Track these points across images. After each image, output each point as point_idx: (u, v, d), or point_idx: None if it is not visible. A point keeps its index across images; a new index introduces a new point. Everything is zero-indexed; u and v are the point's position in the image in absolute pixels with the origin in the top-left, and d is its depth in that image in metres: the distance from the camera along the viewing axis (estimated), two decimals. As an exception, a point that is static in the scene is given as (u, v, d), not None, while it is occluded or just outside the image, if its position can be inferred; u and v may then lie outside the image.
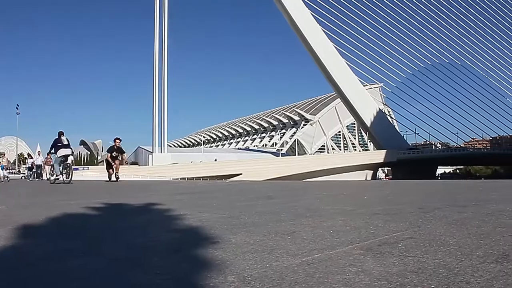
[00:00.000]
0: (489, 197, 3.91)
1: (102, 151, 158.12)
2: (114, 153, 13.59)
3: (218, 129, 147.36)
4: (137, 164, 67.04)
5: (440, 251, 1.60)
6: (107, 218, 3.24)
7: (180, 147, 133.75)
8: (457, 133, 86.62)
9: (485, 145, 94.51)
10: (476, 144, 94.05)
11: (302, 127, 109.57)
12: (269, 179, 45.02)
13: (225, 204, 4.14)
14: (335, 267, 1.40)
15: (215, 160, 68.32)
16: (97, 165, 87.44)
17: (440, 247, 1.66)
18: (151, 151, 67.28)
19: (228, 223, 2.52)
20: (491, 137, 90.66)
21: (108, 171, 13.96)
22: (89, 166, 66.39)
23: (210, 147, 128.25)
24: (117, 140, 14.04)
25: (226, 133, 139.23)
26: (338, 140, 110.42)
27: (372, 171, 71.94)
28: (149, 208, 3.73)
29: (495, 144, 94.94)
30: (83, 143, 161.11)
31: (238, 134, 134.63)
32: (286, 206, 3.65)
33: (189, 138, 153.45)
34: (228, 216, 2.94)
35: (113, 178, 13.56)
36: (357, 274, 1.31)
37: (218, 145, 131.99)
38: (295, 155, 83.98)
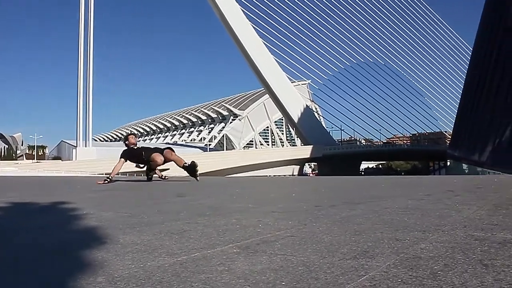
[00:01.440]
0: (387, 194, 4.13)
1: (22, 145, 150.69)
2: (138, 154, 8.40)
3: (146, 123, 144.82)
4: (60, 159, 64.56)
5: (310, 248, 1.69)
6: (4, 220, 3.14)
7: (107, 141, 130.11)
8: (380, 129, 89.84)
9: (405, 141, 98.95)
10: (397, 140, 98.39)
11: (231, 122, 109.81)
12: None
13: (132, 202, 4.12)
14: (205, 266, 1.46)
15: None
16: (16, 160, 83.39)
17: (313, 245, 1.76)
18: (75, 145, 64.84)
19: (125, 223, 2.53)
20: (410, 134, 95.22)
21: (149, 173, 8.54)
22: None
23: (138, 141, 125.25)
24: (132, 137, 8.73)
25: (154, 127, 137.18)
26: (266, 136, 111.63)
27: (299, 166, 73.30)
28: (55, 208, 3.64)
29: (414, 140, 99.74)
30: (0, 136, 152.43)
31: (166, 129, 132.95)
32: (192, 204, 3.69)
33: (116, 132, 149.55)
34: (129, 215, 2.94)
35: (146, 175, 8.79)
36: (221, 273, 1.37)
37: (146, 140, 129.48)
38: (223, 150, 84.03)
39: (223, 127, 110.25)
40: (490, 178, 6.69)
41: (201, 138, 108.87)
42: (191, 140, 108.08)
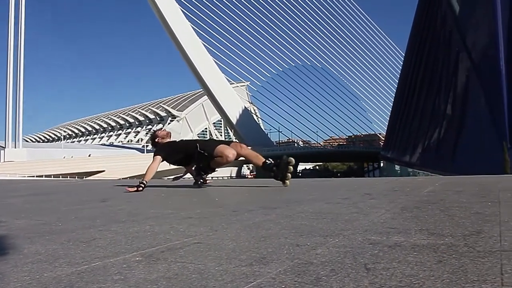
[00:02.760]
0: (307, 197, 4.24)
1: None
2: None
3: (81, 123, 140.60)
4: (-13, 161, 61.43)
5: (212, 256, 1.74)
6: None
7: (38, 142, 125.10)
8: (317, 131, 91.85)
9: (341, 143, 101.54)
10: (334, 142, 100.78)
11: (169, 123, 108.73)
12: (133, 176, 44.05)
13: (50, 209, 4.02)
14: (102, 275, 1.48)
15: (88, 156, 65.02)
16: None
17: (215, 252, 1.81)
18: (3, 146, 61.97)
19: (36, 231, 2.48)
20: (346, 136, 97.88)
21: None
22: None
23: (72, 142, 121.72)
24: (162, 132, 6.63)
25: (90, 128, 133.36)
26: (204, 137, 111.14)
27: (237, 168, 73.54)
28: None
29: (350, 142, 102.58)
30: None
31: (102, 129, 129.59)
32: (111, 210, 3.65)
33: (49, 132, 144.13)
34: (43, 223, 2.89)
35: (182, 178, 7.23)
36: (115, 282, 1.39)
37: (80, 140, 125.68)
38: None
39: (161, 128, 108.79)
40: (409, 180, 7.00)
41: (139, 139, 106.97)
42: (128, 141, 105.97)
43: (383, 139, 73.29)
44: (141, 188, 5.35)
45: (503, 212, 2.69)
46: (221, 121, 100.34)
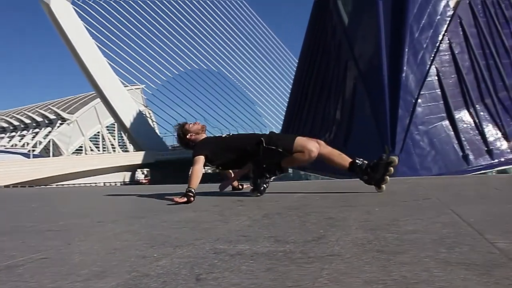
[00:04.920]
0: (180, 205, 4.25)
1: None
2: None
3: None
4: None
5: (52, 272, 1.70)
6: None
7: None
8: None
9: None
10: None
11: (58, 127, 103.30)
12: (17, 183, 41.41)
13: None
14: None
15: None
16: None
17: (58, 267, 1.77)
18: None
19: None
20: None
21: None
22: None
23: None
24: (193, 125, 5.20)
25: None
26: (97, 141, 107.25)
27: (131, 173, 71.81)
28: None
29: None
30: None
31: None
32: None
33: None
34: None
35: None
36: None
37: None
38: (50, 156, 78.65)
39: (50, 132, 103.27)
40: (292, 184, 7.25)
41: (24, 144, 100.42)
42: (12, 145, 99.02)
43: (277, 143, 75.25)
44: (192, 198, 4.15)
45: (353, 217, 2.87)
46: (114, 124, 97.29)
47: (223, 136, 5.03)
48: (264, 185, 4.64)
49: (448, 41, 34.20)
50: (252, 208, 3.66)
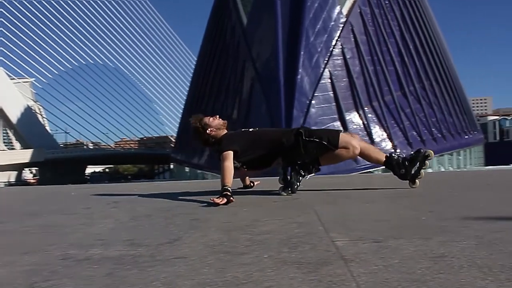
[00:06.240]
0: (50, 207, 4.03)
1: None
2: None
3: None
4: None
5: None
6: None
7: None
8: (107, 133, 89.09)
9: (133, 145, 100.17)
10: (125, 144, 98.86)
11: None
12: None
13: None
14: None
15: None
16: None
17: None
18: None
19: None
20: (138, 138, 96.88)
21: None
22: None
23: None
24: (217, 122, 4.45)
25: None
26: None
27: (17, 172, 67.46)
28: None
29: (142, 144, 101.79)
30: None
31: None
32: None
33: None
34: None
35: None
36: None
37: None
38: None
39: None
40: (176, 184, 7.10)
41: None
42: None
43: (174, 141, 74.43)
44: (232, 198, 3.61)
45: (218, 218, 2.90)
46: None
47: (250, 130, 4.50)
48: (298, 183, 4.22)
49: (340, 46, 35.97)
50: (124, 210, 3.59)
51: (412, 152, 4.19)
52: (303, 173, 4.20)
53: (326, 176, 6.42)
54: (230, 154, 4.00)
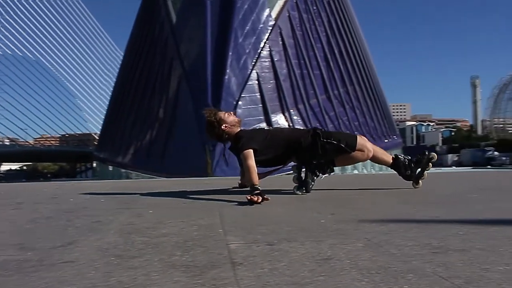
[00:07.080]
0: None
1: None
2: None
3: None
4: None
5: None
6: None
7: None
8: (26, 129, 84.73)
9: (54, 142, 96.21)
10: (45, 141, 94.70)
11: None
12: None
13: None
14: None
15: None
16: None
17: None
18: None
19: None
20: (60, 134, 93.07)
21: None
22: None
23: None
24: (232, 118, 4.39)
25: None
26: None
27: None
28: None
29: (63, 141, 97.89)
30: None
31: None
32: None
33: None
34: None
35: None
36: None
37: None
38: None
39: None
40: (93, 184, 6.86)
41: None
42: None
43: (98, 139, 72.15)
44: (267, 197, 3.54)
45: (121, 220, 2.81)
46: None
47: (265, 128, 4.40)
48: (313, 183, 4.29)
49: (269, 49, 36.33)
50: (26, 211, 3.43)
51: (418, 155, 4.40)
52: (318, 173, 4.32)
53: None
54: (251, 152, 4.00)
